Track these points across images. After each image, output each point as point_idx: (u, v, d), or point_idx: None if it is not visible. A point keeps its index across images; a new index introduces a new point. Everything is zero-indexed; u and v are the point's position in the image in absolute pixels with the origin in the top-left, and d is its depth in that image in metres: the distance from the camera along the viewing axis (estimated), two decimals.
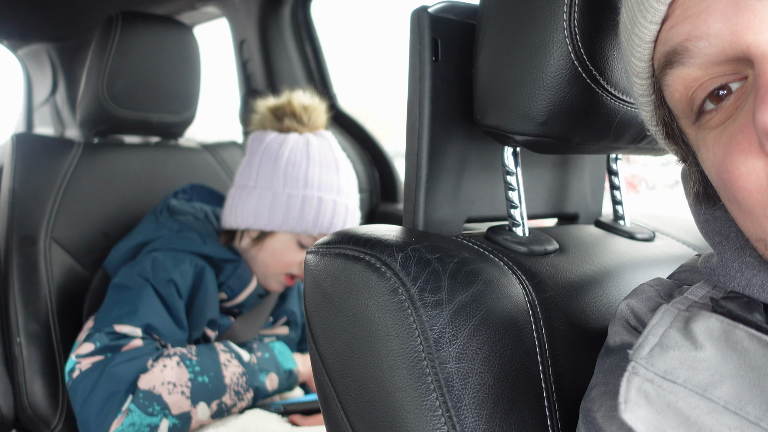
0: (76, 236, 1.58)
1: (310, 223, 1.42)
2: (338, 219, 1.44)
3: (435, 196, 0.74)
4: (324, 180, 1.45)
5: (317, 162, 1.45)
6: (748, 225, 0.47)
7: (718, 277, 0.53)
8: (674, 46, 0.47)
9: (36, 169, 1.57)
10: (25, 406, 1.43)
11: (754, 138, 0.43)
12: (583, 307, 0.66)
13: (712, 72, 0.46)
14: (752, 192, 0.44)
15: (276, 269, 1.48)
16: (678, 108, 0.51)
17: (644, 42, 0.51)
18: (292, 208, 1.42)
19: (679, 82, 0.48)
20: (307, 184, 1.43)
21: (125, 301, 1.32)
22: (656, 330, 0.49)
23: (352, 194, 1.50)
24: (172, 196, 1.57)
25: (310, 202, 1.42)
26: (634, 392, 0.45)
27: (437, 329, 0.57)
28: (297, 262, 1.46)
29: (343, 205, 1.45)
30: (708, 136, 0.48)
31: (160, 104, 1.66)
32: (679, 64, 0.47)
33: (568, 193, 0.89)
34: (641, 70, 0.54)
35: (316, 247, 0.68)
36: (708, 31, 0.44)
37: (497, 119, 0.68)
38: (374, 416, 0.58)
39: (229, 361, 1.29)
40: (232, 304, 1.47)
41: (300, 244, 1.46)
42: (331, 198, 1.44)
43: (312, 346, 0.67)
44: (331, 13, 2.33)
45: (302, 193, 1.42)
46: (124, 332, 1.27)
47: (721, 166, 0.47)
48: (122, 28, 1.59)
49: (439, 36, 0.71)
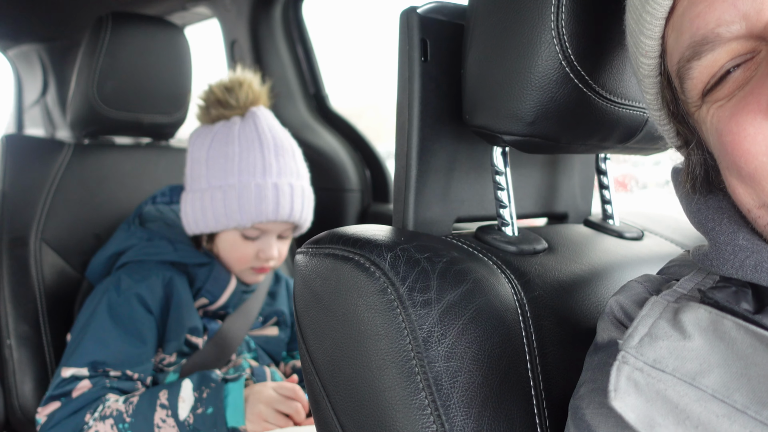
0: (66, 238, 1.57)
1: (239, 214, 1.36)
2: (271, 203, 1.36)
3: (424, 196, 0.74)
4: (247, 163, 1.37)
5: (237, 148, 1.38)
6: (748, 193, 0.48)
7: (711, 261, 0.54)
8: (705, 34, 0.47)
9: (26, 171, 1.56)
10: (15, 408, 1.42)
11: (764, 99, 0.44)
12: (571, 306, 0.67)
13: (735, 52, 0.47)
14: (756, 155, 0.45)
15: (236, 266, 1.45)
16: (692, 92, 0.51)
17: (656, 19, 0.51)
18: (217, 206, 1.37)
19: (704, 72, 0.49)
20: (227, 173, 1.37)
21: (73, 341, 1.32)
22: (646, 320, 0.49)
23: (284, 172, 1.41)
24: (151, 199, 1.56)
25: (233, 193, 1.36)
26: (624, 381, 0.46)
27: (426, 328, 0.57)
28: (250, 255, 1.42)
29: (270, 186, 1.37)
30: (714, 106, 0.49)
31: (150, 105, 1.65)
32: (708, 52, 0.48)
33: (557, 193, 0.90)
34: (650, 49, 0.54)
35: (306, 247, 0.68)
36: (738, 14, 0.45)
37: (486, 119, 0.68)
38: (364, 416, 0.58)
39: (164, 421, 1.23)
40: (216, 307, 1.46)
41: (245, 236, 1.41)
42: (254, 182, 1.36)
43: (302, 346, 0.67)
44: (322, 12, 2.33)
45: (225, 185, 1.37)
46: (70, 375, 1.26)
47: (725, 128, 0.47)
48: (112, 28, 1.58)
49: (428, 36, 0.71)
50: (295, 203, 1.41)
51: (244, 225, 1.37)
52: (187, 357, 1.41)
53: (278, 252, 1.44)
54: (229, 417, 1.22)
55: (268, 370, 1.45)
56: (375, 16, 3.27)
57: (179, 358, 1.40)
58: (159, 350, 1.39)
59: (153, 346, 1.35)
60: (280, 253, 1.45)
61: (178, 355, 1.40)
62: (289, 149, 1.44)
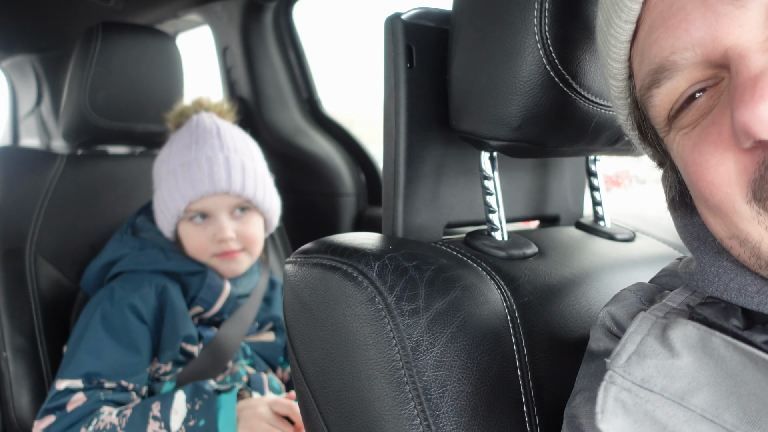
0: (61, 249, 1.57)
1: (191, 188, 1.38)
2: (223, 173, 1.39)
3: (414, 203, 0.74)
4: (204, 141, 1.42)
5: (195, 129, 1.44)
6: (717, 223, 0.47)
7: (696, 282, 0.53)
8: (661, 62, 0.47)
9: (19, 182, 1.56)
10: (12, 420, 1.42)
11: (725, 130, 0.43)
12: (561, 311, 0.66)
13: (694, 79, 0.46)
14: (720, 186, 0.44)
15: (202, 257, 1.45)
16: (658, 119, 0.51)
17: (620, 42, 0.51)
18: (171, 188, 1.40)
19: (665, 99, 0.49)
20: (182, 155, 1.41)
21: (68, 353, 1.32)
22: (634, 338, 0.48)
23: (238, 150, 1.44)
24: (144, 209, 1.56)
25: (186, 169, 1.39)
26: (611, 402, 0.45)
27: (414, 337, 0.57)
28: (206, 240, 1.42)
29: (222, 159, 1.41)
30: (679, 133, 0.49)
31: (143, 114, 1.65)
32: (666, 80, 0.47)
33: (548, 195, 0.89)
34: (618, 72, 0.54)
35: (295, 256, 0.68)
36: (692, 41, 0.44)
37: (472, 125, 0.68)
38: (354, 426, 0.58)
39: None
40: (211, 314, 1.46)
41: (193, 223, 1.42)
42: (205, 156, 1.40)
43: (292, 356, 0.66)
44: (313, 17, 2.33)
45: (178, 166, 1.41)
46: (64, 387, 1.26)
47: (689, 158, 0.47)
48: (103, 38, 1.58)
49: (414, 42, 0.71)
50: (247, 178, 1.42)
51: (179, 206, 1.39)
52: (183, 366, 1.41)
53: (239, 233, 1.44)
54: (221, 429, 1.22)
55: (265, 377, 1.44)
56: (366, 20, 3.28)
57: (175, 366, 1.40)
58: (154, 359, 1.39)
59: (148, 355, 1.34)
60: (243, 235, 1.44)
61: (173, 364, 1.40)
62: (242, 138, 1.49)
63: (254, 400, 1.28)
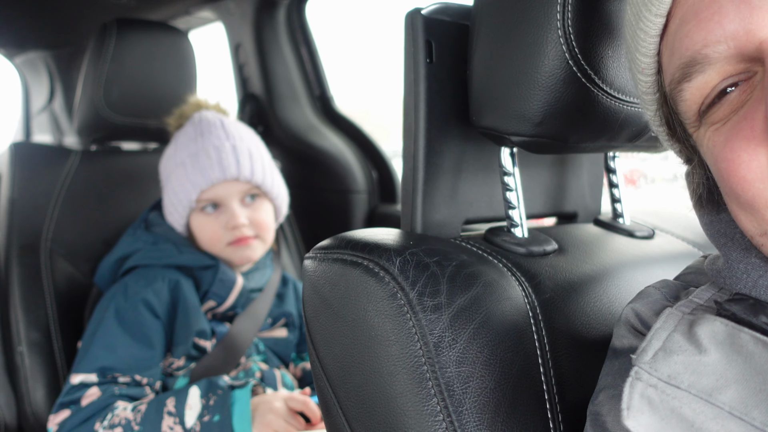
0: (75, 244, 1.58)
1: (201, 177, 1.40)
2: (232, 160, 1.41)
3: (433, 199, 0.73)
4: (209, 132, 1.43)
5: (199, 124, 1.45)
6: (748, 220, 0.47)
7: (724, 279, 0.53)
8: (692, 55, 0.46)
9: (34, 178, 1.57)
10: (27, 414, 1.42)
11: (758, 125, 0.43)
12: (583, 308, 0.66)
13: (727, 73, 0.46)
14: (752, 182, 0.44)
15: (215, 247, 1.45)
16: (688, 114, 0.50)
17: (650, 36, 0.51)
18: (181, 179, 1.42)
19: (696, 93, 0.48)
20: (188, 147, 1.43)
21: (82, 347, 1.33)
22: (660, 334, 0.48)
23: (244, 138, 1.47)
24: (156, 204, 1.57)
25: (194, 159, 1.41)
26: (637, 398, 0.45)
27: (437, 333, 0.57)
28: (219, 229, 1.43)
29: (229, 147, 1.42)
30: (710, 129, 0.48)
31: (156, 110, 1.65)
32: (698, 73, 0.47)
33: (566, 192, 0.89)
34: (646, 66, 0.53)
35: (314, 252, 0.68)
36: (725, 34, 0.44)
37: (493, 120, 0.68)
38: (375, 422, 0.58)
39: (171, 428, 1.22)
40: (224, 308, 1.46)
41: (202, 211, 1.44)
42: (212, 145, 1.41)
43: (312, 351, 0.66)
44: (326, 14, 2.33)
45: (186, 157, 1.42)
46: (79, 381, 1.27)
47: (720, 154, 0.46)
48: (117, 34, 1.59)
49: (433, 38, 0.71)
50: (255, 164, 1.44)
51: (208, 185, 1.40)
52: (196, 361, 1.41)
53: (251, 219, 1.45)
54: (235, 425, 1.22)
55: (278, 373, 1.45)
56: (379, 16, 3.27)
57: (188, 361, 1.40)
58: (168, 354, 1.39)
59: (161, 350, 1.35)
60: (255, 221, 1.46)
61: (187, 359, 1.40)
62: (245, 128, 1.51)
63: (269, 396, 1.28)
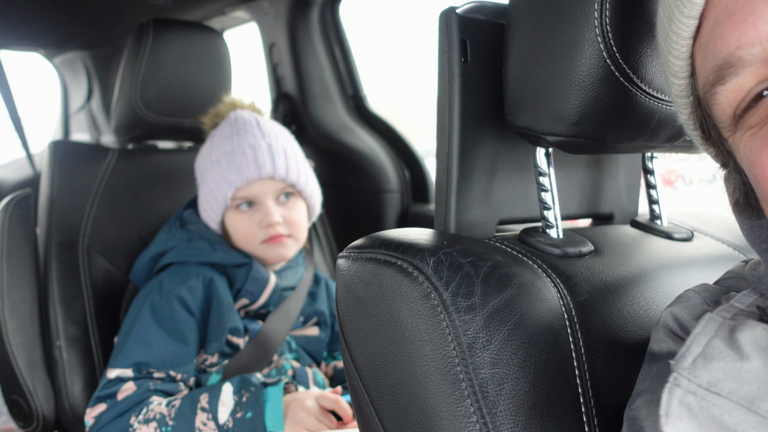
0: (112, 241, 1.61)
1: (237, 174, 1.41)
2: (267, 159, 1.42)
3: (466, 198, 0.73)
4: (244, 131, 1.44)
5: (234, 122, 1.47)
6: None
7: (765, 285, 0.51)
8: (726, 57, 0.45)
9: (73, 176, 1.60)
10: (65, 408, 1.45)
11: None
12: (620, 311, 0.65)
13: (762, 76, 0.45)
14: None
15: (249, 245, 1.47)
16: (722, 117, 0.49)
17: (682, 39, 0.50)
18: (217, 177, 1.43)
19: (731, 96, 0.47)
20: (224, 145, 1.44)
21: (118, 343, 1.35)
22: (700, 339, 0.47)
23: (279, 137, 1.48)
24: (191, 202, 1.59)
25: (230, 157, 1.42)
26: (676, 405, 0.44)
27: (471, 334, 0.56)
28: (254, 227, 1.44)
29: (264, 146, 1.43)
30: (746, 133, 0.47)
31: (192, 109, 1.67)
32: (732, 76, 0.46)
33: (602, 193, 0.88)
34: (679, 69, 0.52)
35: (347, 251, 0.68)
36: (759, 35, 0.43)
37: (528, 120, 0.67)
38: (408, 422, 0.58)
39: (205, 424, 1.24)
40: (256, 306, 1.47)
41: (237, 209, 1.45)
42: (248, 144, 1.42)
43: (345, 351, 0.66)
44: (359, 13, 2.34)
45: (221, 155, 1.43)
46: (115, 376, 1.29)
47: (757, 160, 0.45)
48: (154, 34, 1.61)
49: (468, 37, 0.70)
50: (290, 163, 1.45)
51: (226, 194, 1.42)
52: (229, 358, 1.43)
53: (286, 218, 1.46)
54: (268, 422, 1.23)
55: (310, 371, 1.45)
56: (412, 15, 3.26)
57: (221, 358, 1.42)
58: (201, 351, 1.41)
59: (195, 347, 1.37)
60: (289, 220, 1.46)
61: (220, 356, 1.42)
62: (280, 128, 1.52)
63: (301, 394, 1.29)
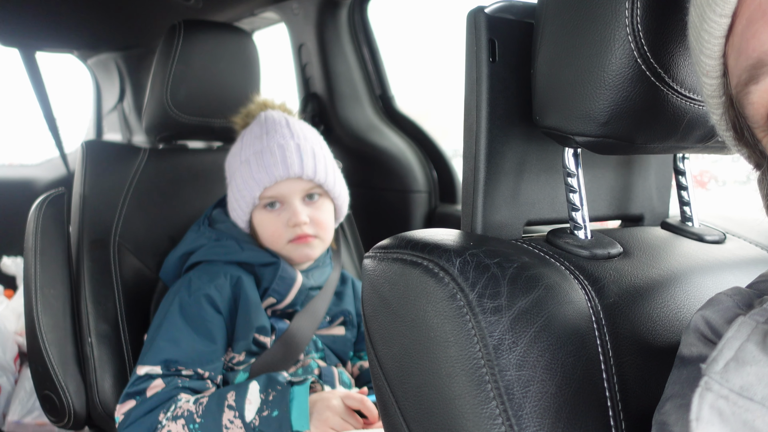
0: (142, 239, 1.63)
1: (265, 174, 1.41)
2: (296, 158, 1.42)
3: (494, 199, 0.73)
4: (274, 131, 1.45)
5: (264, 123, 1.48)
6: None
7: None
8: (759, 56, 0.44)
9: (105, 175, 1.62)
10: (96, 404, 1.48)
11: None
12: (649, 314, 0.64)
13: None
14: None
15: (276, 244, 1.47)
16: (755, 117, 0.48)
17: (714, 38, 0.49)
18: (245, 176, 1.43)
19: (764, 95, 0.46)
20: (253, 145, 1.44)
21: (148, 340, 1.37)
22: (732, 343, 0.46)
23: (308, 138, 1.48)
24: (220, 201, 1.60)
25: (259, 157, 1.42)
26: (707, 409, 0.43)
27: (497, 336, 0.56)
28: (281, 226, 1.45)
29: (293, 146, 1.44)
30: None
31: (221, 110, 1.69)
32: (766, 75, 0.45)
33: (632, 194, 0.86)
34: (711, 69, 0.51)
35: (374, 251, 0.68)
36: None
37: (557, 120, 0.66)
38: (434, 423, 0.58)
39: (231, 422, 1.25)
40: (283, 305, 1.48)
41: (268, 209, 1.46)
42: (276, 143, 1.43)
43: (370, 351, 0.67)
44: (388, 14, 2.34)
45: (250, 155, 1.44)
46: (144, 373, 1.31)
47: None
48: (184, 36, 1.63)
49: (496, 36, 0.70)
50: (318, 163, 1.45)
51: (254, 193, 1.43)
52: (256, 356, 1.44)
53: (312, 218, 1.46)
54: (294, 421, 1.24)
55: (336, 371, 1.46)
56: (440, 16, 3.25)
57: (248, 357, 1.43)
58: (228, 349, 1.42)
59: (223, 345, 1.38)
60: (316, 220, 1.47)
61: (247, 354, 1.43)
62: (310, 128, 1.52)
63: (327, 393, 1.29)
